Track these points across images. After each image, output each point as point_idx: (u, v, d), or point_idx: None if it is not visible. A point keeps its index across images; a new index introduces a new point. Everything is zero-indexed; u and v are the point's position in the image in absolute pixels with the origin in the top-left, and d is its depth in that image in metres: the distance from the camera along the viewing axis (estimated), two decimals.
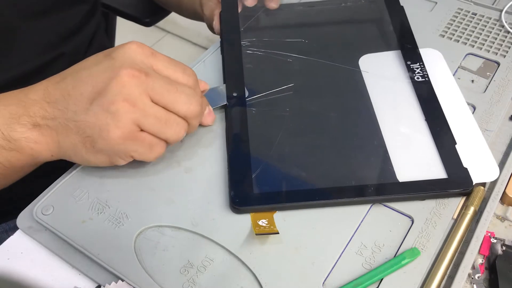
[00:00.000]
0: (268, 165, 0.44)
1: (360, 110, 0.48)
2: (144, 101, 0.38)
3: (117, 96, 0.38)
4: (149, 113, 0.39)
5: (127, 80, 0.38)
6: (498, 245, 0.40)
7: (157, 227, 0.41)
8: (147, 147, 0.40)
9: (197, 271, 0.39)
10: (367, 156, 0.44)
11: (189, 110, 0.41)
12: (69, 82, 0.40)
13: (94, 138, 0.39)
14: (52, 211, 0.42)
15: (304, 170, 0.44)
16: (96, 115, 0.38)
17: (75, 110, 0.39)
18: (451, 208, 0.42)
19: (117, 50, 0.40)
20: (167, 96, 0.39)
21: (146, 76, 0.39)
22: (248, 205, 0.41)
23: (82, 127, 0.39)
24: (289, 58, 0.53)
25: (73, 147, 0.40)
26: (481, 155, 0.44)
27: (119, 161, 0.41)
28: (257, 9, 0.58)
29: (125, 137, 0.38)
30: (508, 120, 0.49)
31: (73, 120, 0.39)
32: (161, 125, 0.39)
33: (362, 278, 0.38)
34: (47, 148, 0.40)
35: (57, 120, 0.39)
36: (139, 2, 0.92)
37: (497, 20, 0.58)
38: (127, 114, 0.38)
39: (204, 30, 0.62)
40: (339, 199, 0.42)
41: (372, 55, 0.53)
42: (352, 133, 0.46)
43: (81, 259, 0.40)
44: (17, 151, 0.40)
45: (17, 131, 0.39)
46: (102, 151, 0.40)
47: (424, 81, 0.49)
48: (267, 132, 0.47)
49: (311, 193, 0.42)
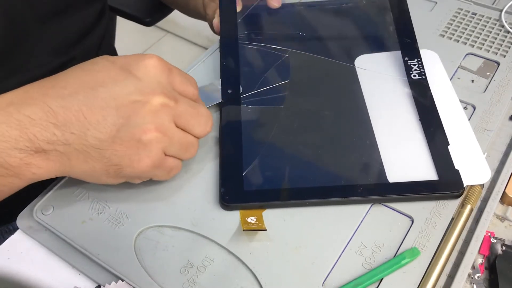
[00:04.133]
0: (260, 163, 0.44)
1: (354, 109, 0.48)
2: (172, 129, 0.38)
3: (149, 125, 0.36)
4: (175, 141, 0.38)
5: (160, 109, 0.37)
6: (498, 245, 0.40)
7: (157, 227, 0.41)
8: (168, 171, 0.40)
9: (197, 271, 0.39)
10: (358, 155, 0.44)
11: (204, 131, 0.41)
12: (82, 101, 0.35)
13: (121, 166, 0.37)
14: (52, 211, 0.42)
15: (295, 168, 0.44)
16: (126, 144, 0.36)
17: (98, 136, 0.35)
18: (451, 208, 0.42)
19: (138, 65, 0.38)
20: (190, 121, 0.39)
21: (175, 103, 0.38)
22: (237, 202, 0.41)
23: (107, 156, 0.36)
24: (286, 53, 0.53)
25: (91, 172, 0.37)
26: (474, 157, 0.44)
27: (137, 181, 0.41)
28: (258, 7, 0.58)
29: (153, 166, 0.38)
30: (508, 120, 0.49)
31: (96, 147, 0.36)
32: (183, 151, 0.40)
33: (362, 278, 0.38)
34: (52, 171, 0.37)
35: (72, 146, 0.35)
36: (140, 1, 0.92)
37: (497, 20, 0.58)
38: (158, 144, 0.37)
39: (204, 30, 0.62)
40: (328, 199, 0.42)
41: (368, 55, 0.53)
42: (344, 133, 0.46)
43: (81, 259, 0.40)
44: (16, 177, 0.36)
45: (16, 157, 0.35)
46: (125, 177, 0.39)
47: (421, 79, 0.49)
48: (260, 129, 0.47)
49: (300, 192, 0.42)
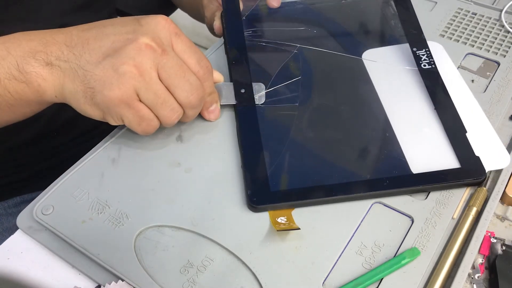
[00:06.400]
0: (282, 162, 0.44)
1: (368, 103, 0.48)
2: (151, 74, 0.40)
3: (130, 60, 0.39)
4: (151, 88, 0.40)
5: (144, 49, 0.39)
6: (498, 245, 0.40)
7: (157, 227, 0.41)
8: (139, 118, 0.41)
9: (197, 271, 0.39)
10: (379, 149, 0.45)
11: (187, 100, 0.42)
12: (93, 32, 0.41)
13: (95, 91, 0.40)
14: (52, 211, 0.42)
15: (318, 166, 0.44)
16: (105, 70, 0.39)
17: (88, 59, 0.40)
18: (451, 208, 0.42)
19: (146, 18, 0.42)
20: (173, 78, 0.41)
21: (162, 52, 0.40)
22: (266, 203, 0.41)
23: (88, 77, 0.40)
24: (295, 50, 0.53)
25: (74, 93, 0.41)
26: (491, 142, 0.44)
27: (111, 120, 0.42)
28: (259, 6, 0.58)
29: (122, 100, 0.40)
30: (508, 120, 0.49)
31: (83, 68, 0.40)
32: (157, 103, 0.41)
33: (362, 278, 0.38)
34: (52, 87, 0.41)
35: (69, 64, 0.40)
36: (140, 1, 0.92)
37: (497, 20, 0.58)
38: (132, 80, 0.39)
39: (204, 30, 0.62)
40: (358, 194, 0.42)
41: (375, 49, 0.53)
42: (362, 127, 0.47)
43: (81, 259, 0.40)
44: (26, 84, 0.41)
45: (31, 64, 0.40)
46: (98, 106, 0.41)
47: (431, 68, 0.49)
48: (278, 129, 0.47)
49: (328, 189, 0.42)
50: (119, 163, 0.45)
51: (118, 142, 0.47)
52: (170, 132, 0.48)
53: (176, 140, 0.47)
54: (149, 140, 0.47)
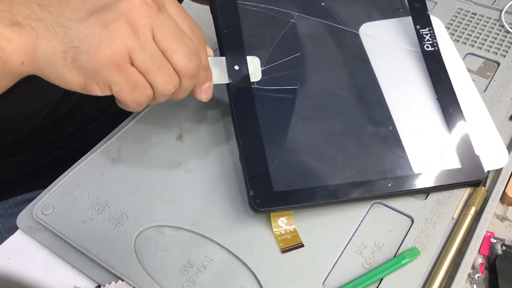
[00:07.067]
0: (284, 157, 0.42)
1: (368, 90, 0.45)
2: (146, 34, 0.34)
3: (122, 16, 0.34)
4: (146, 49, 0.35)
5: (138, 5, 0.34)
6: (498, 245, 0.40)
7: (157, 227, 0.41)
8: (130, 85, 0.35)
9: (197, 271, 0.39)
10: (381, 146, 0.43)
11: (186, 66, 0.36)
12: None
13: (79, 50, 0.33)
14: (52, 211, 0.42)
15: (320, 166, 0.42)
16: (92, 27, 0.33)
17: (69, 16, 0.34)
18: (451, 208, 0.42)
19: None
20: (171, 40, 0.35)
21: (158, 10, 0.35)
22: (271, 206, 0.40)
23: (70, 36, 0.34)
24: (292, 18, 0.47)
25: (50, 55, 0.34)
26: (491, 140, 0.43)
27: (95, 88, 0.35)
28: None
29: (112, 62, 0.34)
30: (508, 120, 0.49)
31: (63, 25, 0.34)
32: (153, 67, 0.35)
33: (362, 278, 0.38)
34: (19, 51, 0.34)
35: (43, 22, 0.34)
36: None
37: (497, 20, 0.58)
38: (125, 39, 0.34)
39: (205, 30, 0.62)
40: (363, 196, 0.41)
41: (374, 23, 0.49)
42: (363, 122, 0.44)
43: (81, 259, 0.40)
44: None
45: None
46: (81, 69, 0.34)
47: (434, 50, 0.46)
48: (276, 117, 0.44)
49: (332, 191, 0.41)
50: (119, 163, 0.45)
51: (118, 142, 0.47)
52: (170, 132, 0.48)
53: (176, 140, 0.47)
54: (149, 140, 0.47)
